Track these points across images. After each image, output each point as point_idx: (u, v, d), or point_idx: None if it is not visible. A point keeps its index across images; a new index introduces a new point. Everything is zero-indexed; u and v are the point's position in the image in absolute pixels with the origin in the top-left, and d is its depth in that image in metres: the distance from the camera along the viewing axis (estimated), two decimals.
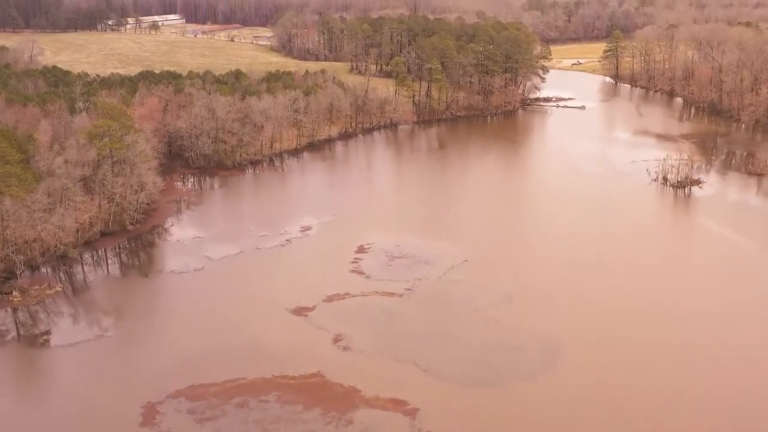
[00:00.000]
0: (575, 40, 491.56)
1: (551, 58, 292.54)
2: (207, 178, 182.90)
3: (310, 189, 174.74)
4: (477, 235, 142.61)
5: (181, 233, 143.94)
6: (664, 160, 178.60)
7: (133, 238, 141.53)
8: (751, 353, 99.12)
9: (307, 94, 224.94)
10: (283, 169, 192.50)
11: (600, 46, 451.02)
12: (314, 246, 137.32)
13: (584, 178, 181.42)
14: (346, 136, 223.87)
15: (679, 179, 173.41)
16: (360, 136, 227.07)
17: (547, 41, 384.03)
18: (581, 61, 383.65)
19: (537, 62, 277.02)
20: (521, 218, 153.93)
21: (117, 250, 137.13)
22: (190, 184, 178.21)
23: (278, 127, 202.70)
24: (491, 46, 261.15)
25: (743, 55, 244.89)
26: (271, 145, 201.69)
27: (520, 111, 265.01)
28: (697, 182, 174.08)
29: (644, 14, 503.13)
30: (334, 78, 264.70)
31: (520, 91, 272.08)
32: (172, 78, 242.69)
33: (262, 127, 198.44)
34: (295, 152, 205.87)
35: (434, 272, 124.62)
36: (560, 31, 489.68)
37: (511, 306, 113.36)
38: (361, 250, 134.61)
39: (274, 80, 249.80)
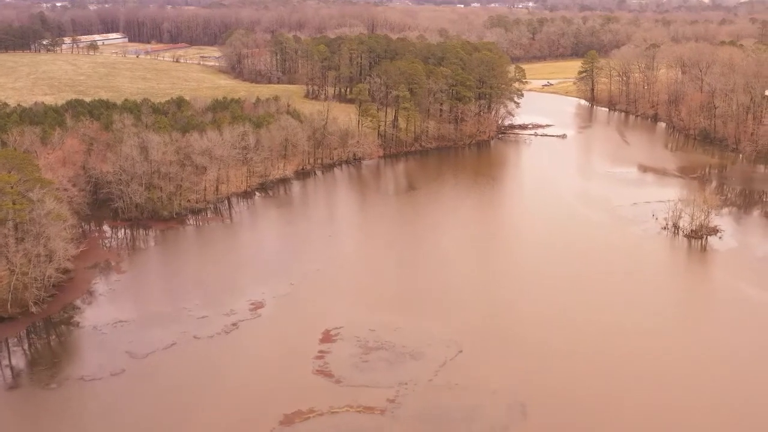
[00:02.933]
0: (540, 58, 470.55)
1: (526, 81, 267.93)
2: (139, 232, 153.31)
3: (263, 246, 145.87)
4: (469, 310, 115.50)
5: (100, 316, 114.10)
6: (675, 204, 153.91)
7: (36, 326, 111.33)
8: None
9: (258, 126, 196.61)
10: (231, 219, 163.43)
11: (567, 65, 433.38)
12: (268, 333, 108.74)
13: (584, 226, 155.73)
14: (303, 175, 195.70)
15: (693, 227, 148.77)
16: (319, 174, 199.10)
17: (512, 60, 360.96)
18: (552, 81, 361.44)
19: (511, 86, 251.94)
20: (519, 284, 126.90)
21: (11, 345, 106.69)
22: (117, 242, 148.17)
23: (224, 167, 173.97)
24: (462, 70, 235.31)
25: (740, 79, 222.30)
26: (216, 189, 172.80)
27: (496, 141, 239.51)
28: (715, 231, 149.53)
29: (610, 31, 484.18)
30: (288, 106, 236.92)
31: (496, 119, 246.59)
32: (103, 108, 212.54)
33: (205, 169, 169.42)
34: (245, 196, 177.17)
35: (423, 372, 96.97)
36: (525, 49, 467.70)
37: (528, 424, 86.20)
38: (327, 337, 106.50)
39: (221, 109, 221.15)
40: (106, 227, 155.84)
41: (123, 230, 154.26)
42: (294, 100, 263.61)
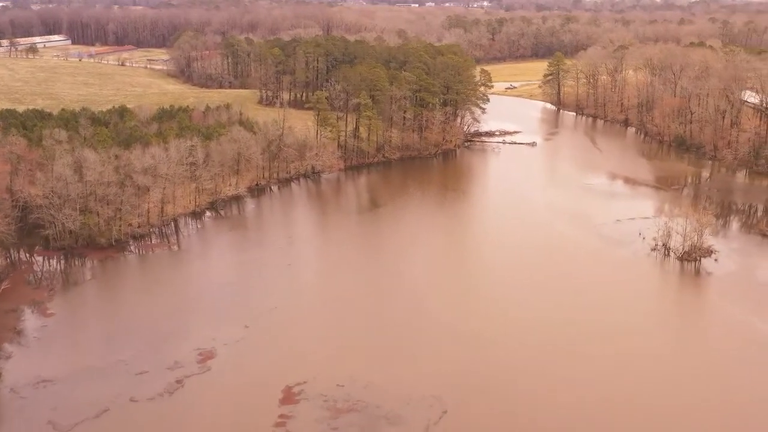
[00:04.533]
0: (500, 59, 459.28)
1: (492, 85, 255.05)
2: (73, 263, 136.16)
3: (214, 279, 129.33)
4: (447, 356, 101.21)
5: (20, 374, 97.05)
6: (665, 223, 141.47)
7: None
8: None
9: (207, 138, 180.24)
10: (178, 245, 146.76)
11: (528, 66, 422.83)
12: (218, 394, 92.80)
13: (568, 248, 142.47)
14: (258, 191, 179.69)
15: (685, 248, 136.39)
16: (275, 189, 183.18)
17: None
18: (514, 84, 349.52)
19: (477, 91, 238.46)
20: (503, 325, 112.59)
21: None
22: (46, 276, 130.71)
23: (170, 185, 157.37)
24: (427, 75, 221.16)
25: (716, 82, 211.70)
26: (162, 211, 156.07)
27: (463, 150, 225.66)
28: (709, 252, 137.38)
29: (570, 31, 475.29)
30: (241, 115, 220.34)
31: (463, 127, 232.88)
32: (37, 119, 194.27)
33: (148, 189, 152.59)
34: (194, 216, 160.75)
35: None
36: (485, 50, 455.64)
37: None
38: (288, 397, 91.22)
39: (168, 119, 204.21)
40: (35, 258, 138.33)
41: (55, 261, 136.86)
42: (247, 108, 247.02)
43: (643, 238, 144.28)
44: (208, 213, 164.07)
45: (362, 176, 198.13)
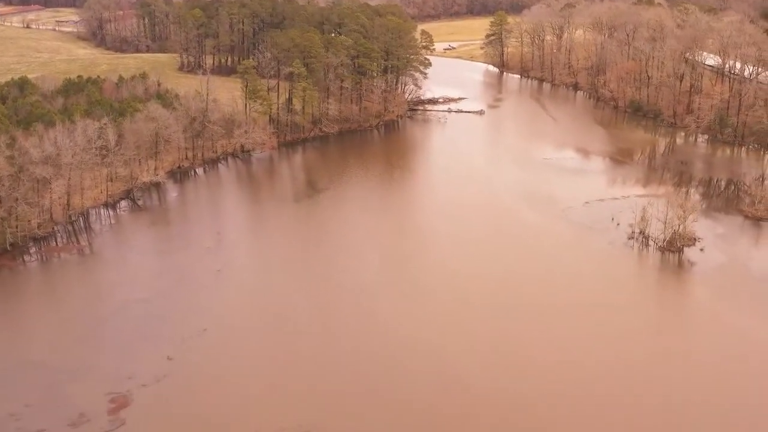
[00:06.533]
0: (434, 17, 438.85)
1: (434, 48, 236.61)
2: None
3: (130, 292, 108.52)
4: (413, 396, 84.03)
5: None
6: (643, 209, 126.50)
7: None
8: None
9: (121, 114, 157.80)
10: (90, 248, 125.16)
11: (464, 25, 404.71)
12: None
13: (534, 237, 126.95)
14: (181, 175, 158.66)
15: (667, 237, 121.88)
16: (200, 173, 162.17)
17: None
18: (453, 44, 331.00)
19: (419, 54, 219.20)
20: (471, 349, 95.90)
21: None
22: None
23: (77, 173, 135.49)
24: (365, 39, 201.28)
25: (675, 44, 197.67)
26: (68, 204, 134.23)
27: (406, 120, 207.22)
28: (693, 240, 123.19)
29: None
30: (159, 86, 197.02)
31: (405, 95, 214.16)
32: None
33: (50, 181, 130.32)
34: (108, 208, 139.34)
35: None
36: (418, 7, 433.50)
37: None
38: None
39: (75, 92, 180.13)
40: None
41: None
42: (166, 75, 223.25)
43: (618, 224, 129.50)
44: (123, 204, 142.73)
45: (298, 154, 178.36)
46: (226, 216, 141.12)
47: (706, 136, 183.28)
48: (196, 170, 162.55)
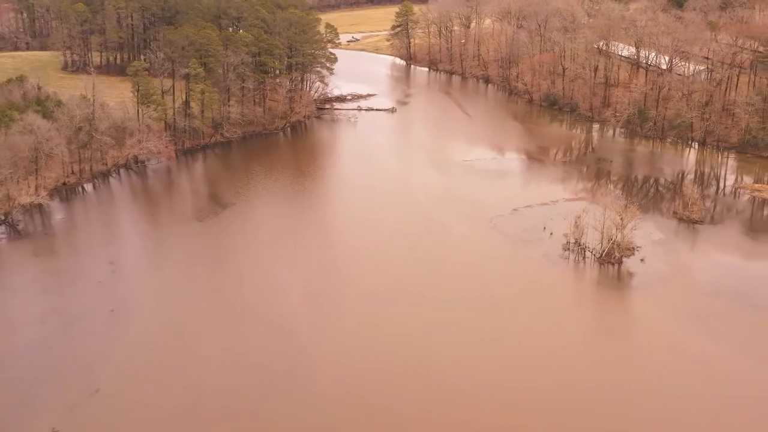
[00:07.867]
0: (334, 7, 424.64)
1: (339, 42, 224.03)
2: None
3: (11, 344, 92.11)
4: None
5: None
6: (577, 217, 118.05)
7: None
8: None
9: None
10: None
11: (365, 14, 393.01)
12: None
13: (464, 252, 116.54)
14: (66, 193, 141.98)
15: (605, 248, 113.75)
16: (89, 190, 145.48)
17: None
18: (356, 36, 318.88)
19: (325, 49, 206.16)
20: (400, 383, 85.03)
21: None
22: None
23: None
24: (267, 35, 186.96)
25: (590, 35, 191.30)
26: None
27: (314, 121, 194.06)
28: (631, 250, 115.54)
29: None
30: (40, 90, 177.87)
31: (312, 93, 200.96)
32: None
33: None
34: None
35: None
36: None
37: None
38: None
39: None
40: None
41: None
42: (48, 77, 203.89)
43: (551, 234, 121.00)
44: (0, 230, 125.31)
45: (198, 163, 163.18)
46: (120, 241, 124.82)
47: (625, 131, 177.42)
48: (85, 187, 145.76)
